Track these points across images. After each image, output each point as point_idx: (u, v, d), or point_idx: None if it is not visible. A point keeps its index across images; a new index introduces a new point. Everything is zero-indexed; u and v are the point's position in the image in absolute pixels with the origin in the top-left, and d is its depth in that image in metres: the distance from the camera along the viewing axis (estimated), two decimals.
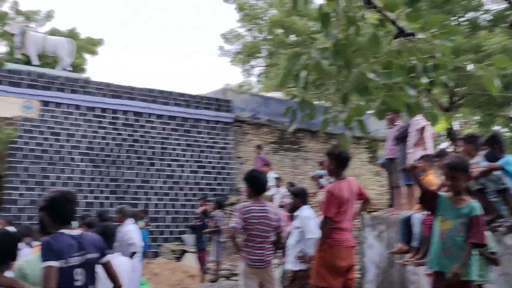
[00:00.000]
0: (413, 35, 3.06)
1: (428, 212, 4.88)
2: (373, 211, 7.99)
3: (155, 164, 14.55)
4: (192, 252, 12.42)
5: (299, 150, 17.24)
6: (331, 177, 5.15)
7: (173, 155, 14.86)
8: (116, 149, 14.06)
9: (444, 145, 19.06)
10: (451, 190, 3.93)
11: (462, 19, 17.84)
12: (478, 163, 5.38)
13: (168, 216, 14.49)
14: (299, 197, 6.22)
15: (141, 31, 67.59)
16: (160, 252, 13.72)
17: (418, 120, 6.78)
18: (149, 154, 14.50)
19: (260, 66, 27.27)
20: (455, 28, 3.28)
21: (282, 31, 23.06)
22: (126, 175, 14.10)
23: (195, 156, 15.20)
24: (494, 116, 19.09)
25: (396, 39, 3.11)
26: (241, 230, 5.11)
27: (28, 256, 4.55)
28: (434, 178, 6.13)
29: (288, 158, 16.94)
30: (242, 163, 15.84)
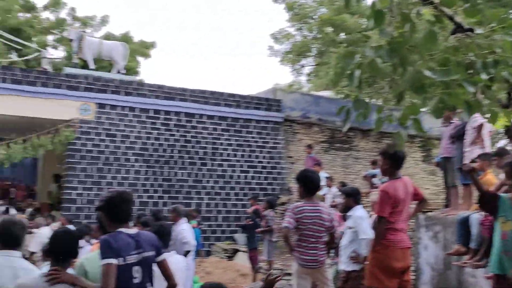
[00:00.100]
0: (471, 30, 2.97)
1: (487, 213, 4.72)
2: (428, 211, 7.79)
3: (207, 164, 14.73)
4: (243, 251, 12.50)
5: (351, 149, 17.04)
6: (385, 176, 5.05)
7: (224, 155, 15.00)
8: (169, 149, 14.33)
9: (502, 143, 18.38)
10: None
11: None
12: None
13: (220, 216, 14.64)
14: (352, 197, 6.15)
15: (191, 33, 68.67)
16: (212, 251, 13.89)
17: (475, 117, 6.57)
18: (200, 154, 14.70)
19: (310, 65, 27.15)
20: None
21: (332, 29, 22.87)
22: (179, 175, 14.35)
23: (245, 156, 15.29)
24: None
25: (453, 35, 3.03)
26: (293, 230, 5.11)
27: (88, 253, 4.70)
28: (492, 178, 5.92)
29: (339, 157, 16.77)
30: (293, 163, 15.81)
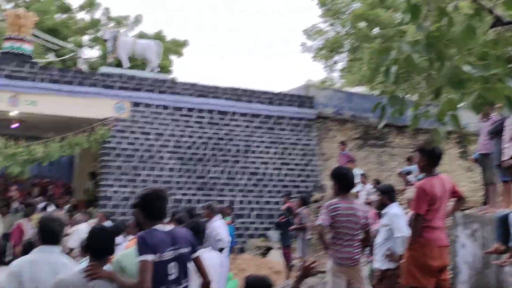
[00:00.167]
0: (511, 23, 2.88)
1: None
2: (465, 209, 7.63)
3: (240, 161, 14.78)
4: (277, 249, 12.50)
5: (385, 145, 16.82)
6: (422, 173, 4.96)
7: (257, 152, 15.03)
8: (202, 147, 14.44)
9: None
10: None
11: None
12: None
13: (253, 213, 14.68)
14: (387, 194, 6.07)
15: (223, 31, 68.96)
16: (245, 248, 13.94)
17: None
18: (233, 151, 14.76)
19: (343, 61, 26.89)
20: None
21: (365, 24, 22.59)
22: (212, 173, 14.44)
23: (278, 153, 15.28)
24: None
25: (492, 29, 2.95)
26: (328, 228, 5.07)
27: (125, 250, 4.77)
28: None
29: (373, 154, 16.59)
30: (326, 160, 15.72)
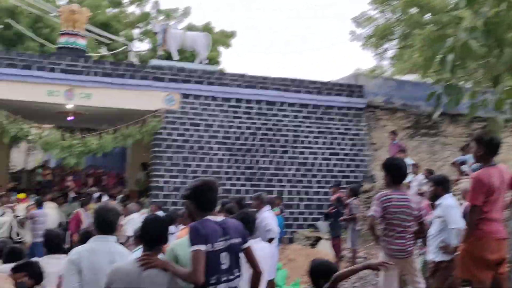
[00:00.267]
0: None
1: None
2: None
3: (288, 151, 14.75)
4: (326, 239, 12.44)
5: (438, 135, 16.37)
6: (479, 163, 4.79)
7: (305, 142, 14.94)
8: (250, 137, 14.49)
9: None
10: None
11: None
12: None
13: (302, 203, 14.63)
14: (441, 185, 5.92)
15: (271, 21, 68.76)
16: (294, 239, 13.94)
17: None
18: (282, 142, 14.74)
19: (393, 49, 26.26)
20: None
21: (417, 10, 21.96)
22: (261, 163, 14.48)
23: (327, 143, 15.14)
24: None
25: None
26: (379, 219, 5.00)
27: (177, 239, 4.86)
28: None
29: (425, 143, 16.18)
30: (376, 150, 15.46)
